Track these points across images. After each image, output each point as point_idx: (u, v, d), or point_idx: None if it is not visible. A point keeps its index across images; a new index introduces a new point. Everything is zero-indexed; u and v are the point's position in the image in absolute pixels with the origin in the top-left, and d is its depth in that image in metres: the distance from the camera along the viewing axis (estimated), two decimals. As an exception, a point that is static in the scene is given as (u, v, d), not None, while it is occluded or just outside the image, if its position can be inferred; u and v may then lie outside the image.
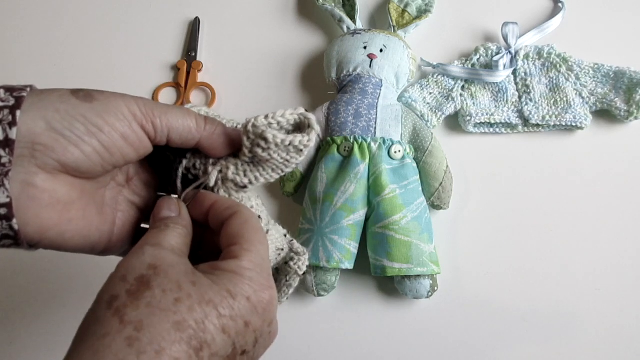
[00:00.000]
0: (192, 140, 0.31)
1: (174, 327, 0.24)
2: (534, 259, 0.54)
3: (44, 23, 0.67)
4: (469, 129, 0.58)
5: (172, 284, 0.25)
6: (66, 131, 0.26)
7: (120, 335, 0.23)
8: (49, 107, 0.26)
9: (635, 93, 0.56)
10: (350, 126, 0.53)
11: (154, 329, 0.23)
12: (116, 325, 0.23)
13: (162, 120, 0.29)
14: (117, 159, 0.29)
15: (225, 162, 0.32)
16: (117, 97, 0.28)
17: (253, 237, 0.29)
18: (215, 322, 0.25)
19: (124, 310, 0.24)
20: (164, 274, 0.26)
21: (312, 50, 0.64)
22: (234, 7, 0.67)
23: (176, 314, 0.24)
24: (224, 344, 0.25)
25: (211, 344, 0.25)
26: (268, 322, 0.28)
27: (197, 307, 0.25)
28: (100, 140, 0.27)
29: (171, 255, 0.27)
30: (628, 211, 0.55)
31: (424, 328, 0.52)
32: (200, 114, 0.32)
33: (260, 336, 0.28)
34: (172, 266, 0.26)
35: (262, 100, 0.62)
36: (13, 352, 0.52)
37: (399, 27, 0.60)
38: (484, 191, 0.56)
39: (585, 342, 0.51)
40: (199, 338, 0.24)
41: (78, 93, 0.27)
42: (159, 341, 0.23)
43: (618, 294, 0.52)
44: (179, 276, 0.26)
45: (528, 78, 0.59)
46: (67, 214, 0.28)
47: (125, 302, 0.24)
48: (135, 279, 0.25)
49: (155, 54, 0.65)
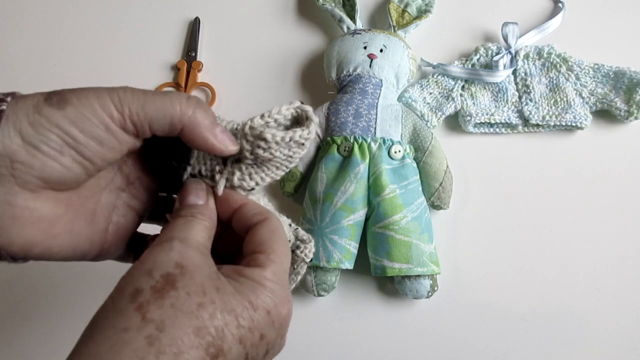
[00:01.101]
0: (175, 131, 0.29)
1: (195, 332, 0.24)
2: (534, 259, 0.54)
3: (44, 23, 0.67)
4: (469, 129, 0.58)
5: (196, 287, 0.25)
6: (42, 145, 0.25)
7: (141, 333, 0.23)
8: (23, 120, 0.25)
9: (635, 93, 0.56)
10: (350, 126, 0.53)
11: (175, 331, 0.23)
12: (137, 321, 0.23)
13: (139, 114, 0.27)
14: (100, 164, 0.28)
15: (231, 169, 0.32)
16: (91, 98, 0.27)
17: (280, 248, 0.29)
18: (234, 332, 0.25)
19: (147, 307, 0.24)
20: (190, 275, 0.26)
21: (312, 50, 0.64)
22: (234, 7, 0.67)
23: (198, 319, 0.24)
24: (238, 354, 0.25)
25: (227, 353, 0.25)
26: (282, 335, 0.28)
27: (219, 315, 0.25)
28: (78, 150, 0.26)
29: (198, 254, 0.27)
30: (628, 211, 0.55)
31: (424, 328, 0.52)
32: (190, 99, 0.29)
33: (272, 348, 0.28)
34: (198, 267, 0.26)
35: (262, 100, 0.62)
36: (13, 352, 0.52)
37: (399, 27, 0.60)
38: (484, 191, 0.57)
39: (585, 342, 0.51)
40: (216, 346, 0.24)
41: (52, 99, 0.26)
42: (179, 344, 0.23)
43: (618, 294, 0.52)
44: (204, 280, 0.26)
45: (528, 78, 0.59)
46: (53, 230, 0.28)
47: (149, 299, 0.24)
48: (161, 275, 0.25)
49: (155, 54, 0.65)
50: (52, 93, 0.27)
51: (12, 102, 0.26)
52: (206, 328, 0.24)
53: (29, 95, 0.27)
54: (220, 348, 0.24)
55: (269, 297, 0.27)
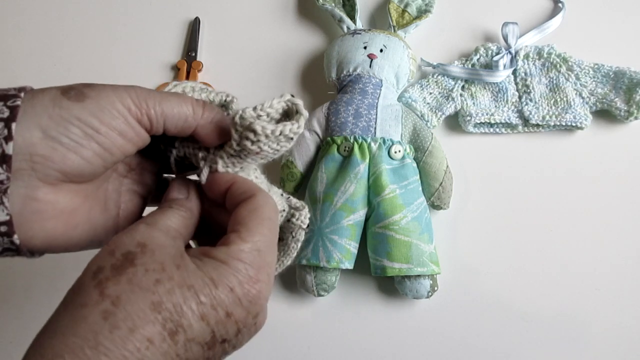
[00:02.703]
0: (189, 129, 0.30)
1: (151, 307, 0.24)
2: (534, 259, 0.54)
3: (44, 23, 0.67)
4: (469, 129, 0.58)
5: (155, 264, 0.25)
6: (63, 138, 0.26)
7: (97, 308, 0.23)
8: (43, 114, 0.26)
9: (635, 93, 0.56)
10: (350, 126, 0.53)
11: (131, 306, 0.23)
12: (95, 297, 0.24)
13: (156, 110, 0.29)
14: (118, 156, 0.29)
15: (213, 156, 0.31)
16: (108, 92, 0.28)
17: (255, 226, 0.28)
18: (193, 308, 0.25)
19: (106, 284, 0.24)
20: (150, 253, 0.26)
21: (312, 50, 0.64)
22: (234, 7, 0.67)
23: (154, 294, 0.24)
24: (202, 331, 0.25)
25: (187, 329, 0.24)
26: (253, 314, 0.27)
27: (176, 291, 0.25)
28: (98, 142, 0.27)
29: (163, 236, 0.27)
30: (628, 211, 0.55)
31: (424, 328, 0.52)
32: (198, 100, 0.31)
33: (244, 327, 0.27)
34: (161, 247, 0.26)
35: (262, 100, 0.61)
36: (13, 351, 0.52)
37: (399, 27, 0.60)
38: (484, 191, 0.57)
39: (585, 342, 0.51)
40: (174, 321, 0.24)
41: (69, 92, 0.27)
42: (134, 319, 0.23)
43: (618, 294, 0.52)
44: (164, 258, 0.26)
45: (528, 78, 0.59)
46: (73, 221, 0.28)
47: (108, 276, 0.24)
48: (122, 254, 0.25)
49: (155, 54, 0.65)
50: (69, 87, 0.27)
51: (27, 96, 0.26)
52: (163, 304, 0.24)
53: (44, 89, 0.27)
54: (178, 324, 0.24)
55: (232, 275, 0.26)
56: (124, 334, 0.23)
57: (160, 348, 0.23)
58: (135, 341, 0.23)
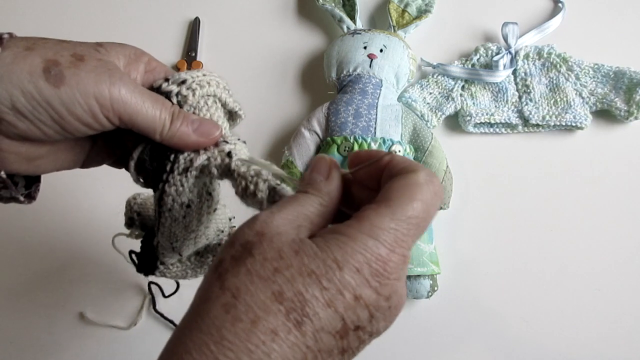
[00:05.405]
0: (155, 140, 0.31)
1: (271, 297, 0.23)
2: (534, 259, 0.54)
3: (44, 23, 0.67)
4: (469, 129, 0.58)
5: (274, 252, 0.24)
6: (29, 115, 0.27)
7: (218, 301, 0.23)
8: (16, 85, 0.26)
9: (635, 93, 0.56)
10: (350, 126, 0.53)
11: (251, 297, 0.23)
12: (216, 290, 0.23)
13: (126, 119, 0.29)
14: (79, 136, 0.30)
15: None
16: (88, 82, 0.27)
17: (403, 202, 0.25)
18: (317, 295, 0.23)
19: (225, 276, 0.23)
20: (268, 241, 0.24)
21: (312, 50, 0.64)
22: (234, 7, 0.67)
23: (274, 283, 0.23)
24: (330, 319, 0.23)
25: (313, 319, 0.23)
26: (385, 296, 0.24)
27: (297, 278, 0.23)
28: (62, 126, 0.28)
29: (285, 222, 0.25)
30: (628, 211, 0.55)
31: (424, 328, 0.52)
32: (178, 113, 0.31)
33: (377, 311, 0.24)
34: (279, 234, 0.24)
35: (262, 100, 0.62)
36: (13, 351, 0.52)
37: (399, 27, 0.60)
38: (484, 191, 0.56)
39: (585, 342, 0.51)
40: (298, 311, 0.23)
41: (50, 71, 0.27)
42: (255, 310, 0.22)
43: (618, 294, 0.52)
44: (282, 244, 0.24)
45: (528, 78, 0.59)
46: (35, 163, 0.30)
47: (227, 268, 0.24)
48: (240, 244, 0.24)
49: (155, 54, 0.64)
50: (54, 63, 0.27)
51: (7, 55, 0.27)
52: (284, 293, 0.23)
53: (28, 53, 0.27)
54: (303, 313, 0.23)
55: (359, 252, 0.24)
56: (247, 326, 0.22)
57: (287, 340, 0.22)
58: (259, 333, 0.22)
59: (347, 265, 0.23)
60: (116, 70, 0.29)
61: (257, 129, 0.59)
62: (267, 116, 0.60)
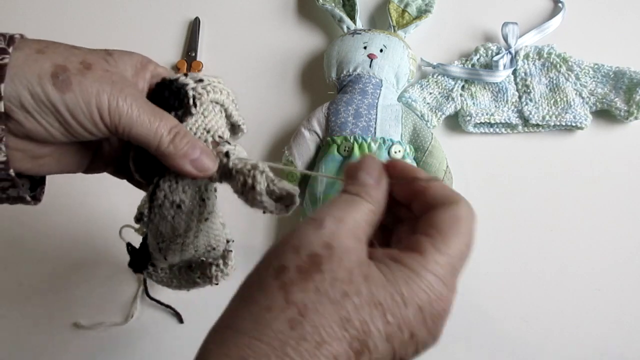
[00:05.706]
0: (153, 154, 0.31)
1: (339, 323, 0.22)
2: (534, 259, 0.54)
3: (44, 23, 0.67)
4: (469, 129, 0.58)
5: (344, 273, 0.23)
6: (36, 114, 0.28)
7: (284, 314, 0.22)
8: (26, 87, 0.27)
9: (635, 93, 0.56)
10: (350, 126, 0.53)
11: (318, 318, 0.22)
12: (280, 301, 0.23)
13: (126, 131, 0.30)
14: (83, 140, 0.30)
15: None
16: (92, 91, 0.28)
17: (453, 237, 0.26)
18: (380, 328, 0.23)
19: (291, 288, 0.23)
20: (338, 259, 0.24)
21: (312, 50, 0.64)
22: (234, 7, 0.67)
23: (343, 309, 0.23)
24: (385, 352, 0.23)
25: (372, 350, 0.23)
26: (434, 335, 0.25)
27: (365, 308, 0.23)
28: (66, 128, 0.29)
29: (350, 237, 0.25)
30: (628, 211, 0.55)
31: (424, 328, 0.52)
32: (178, 131, 0.31)
33: (422, 348, 0.25)
34: (348, 251, 0.24)
35: (262, 100, 0.62)
36: (13, 351, 0.52)
37: (399, 27, 0.60)
38: (484, 191, 0.56)
39: (585, 342, 0.51)
40: (361, 341, 0.23)
41: (58, 77, 0.28)
42: (321, 333, 0.22)
43: (618, 294, 0.52)
44: (352, 266, 0.24)
45: (528, 78, 0.59)
46: (39, 161, 0.30)
47: (293, 279, 0.23)
48: (307, 255, 0.24)
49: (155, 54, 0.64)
50: (62, 69, 0.28)
51: (18, 56, 0.27)
52: (351, 321, 0.23)
53: (39, 56, 0.28)
54: (365, 344, 0.23)
55: (424, 291, 0.24)
56: (311, 347, 0.22)
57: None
58: (321, 357, 0.22)
59: (411, 304, 0.24)
60: (120, 82, 0.30)
61: (257, 129, 0.59)
62: (267, 116, 0.60)
